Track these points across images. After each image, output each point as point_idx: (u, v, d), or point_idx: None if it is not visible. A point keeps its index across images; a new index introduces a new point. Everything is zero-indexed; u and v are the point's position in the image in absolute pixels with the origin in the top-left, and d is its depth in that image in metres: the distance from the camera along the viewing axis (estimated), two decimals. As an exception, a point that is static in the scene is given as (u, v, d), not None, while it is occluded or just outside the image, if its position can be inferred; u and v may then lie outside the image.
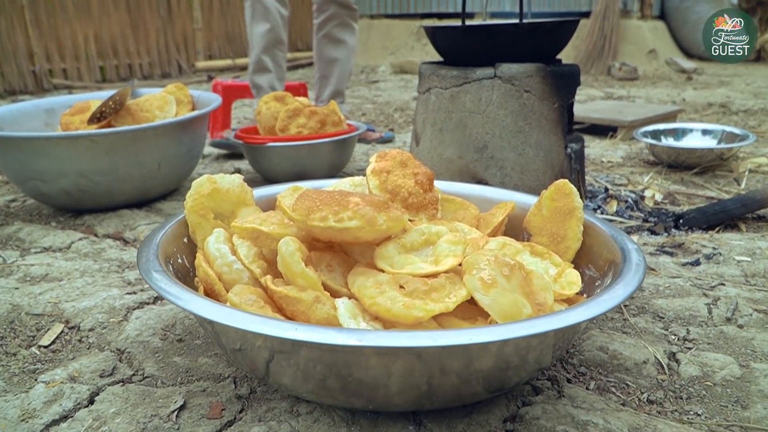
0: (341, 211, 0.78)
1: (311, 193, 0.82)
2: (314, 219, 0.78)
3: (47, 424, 0.78)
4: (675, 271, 1.27)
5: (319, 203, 0.80)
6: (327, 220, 0.77)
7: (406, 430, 0.76)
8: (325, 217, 0.77)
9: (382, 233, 0.81)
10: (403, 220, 0.83)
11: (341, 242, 0.85)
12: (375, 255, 0.82)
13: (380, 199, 0.83)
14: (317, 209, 0.79)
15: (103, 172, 1.51)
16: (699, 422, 0.79)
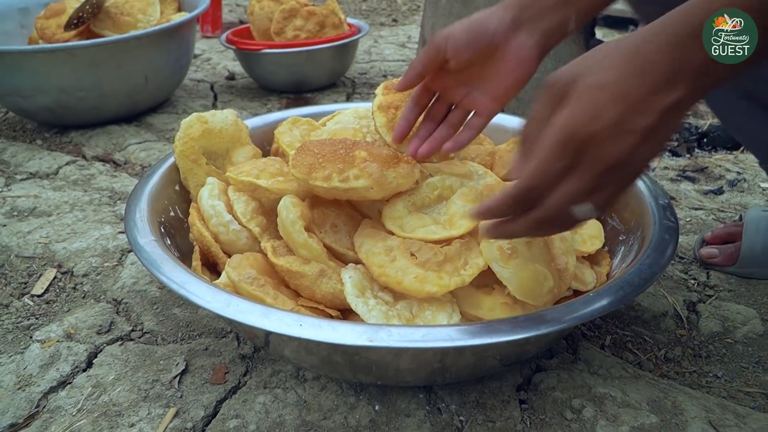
0: (346, 168, 0.71)
1: (312, 146, 0.74)
2: (317, 179, 0.70)
3: (45, 392, 0.75)
4: (697, 200, 1.21)
5: (322, 159, 0.72)
6: (331, 180, 0.70)
7: (417, 398, 0.73)
8: (328, 177, 0.70)
9: (392, 191, 0.74)
10: (415, 174, 0.76)
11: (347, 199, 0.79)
12: (383, 215, 0.76)
13: (389, 153, 0.75)
14: (320, 167, 0.71)
15: (85, 87, 1.40)
16: (718, 386, 0.76)
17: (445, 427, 0.70)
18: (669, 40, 0.46)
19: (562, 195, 0.49)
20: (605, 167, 0.48)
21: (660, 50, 0.47)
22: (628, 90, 0.47)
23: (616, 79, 0.47)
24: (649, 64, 0.46)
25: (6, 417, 0.72)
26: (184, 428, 0.70)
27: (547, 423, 0.70)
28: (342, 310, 0.70)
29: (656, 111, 0.46)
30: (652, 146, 0.48)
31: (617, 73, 0.47)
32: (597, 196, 0.50)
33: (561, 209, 0.50)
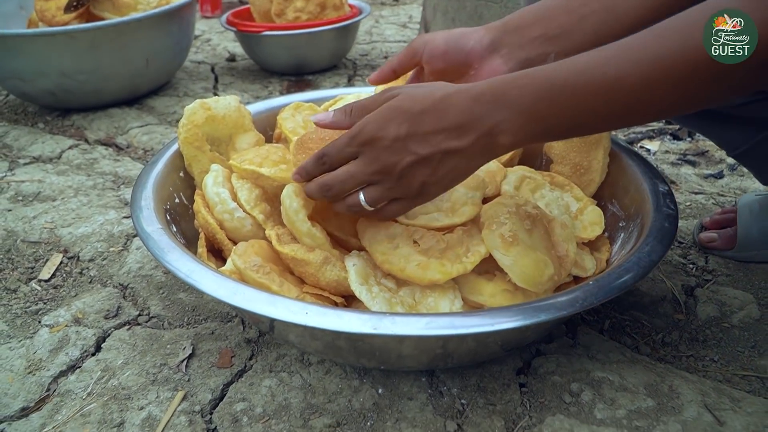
0: None
1: (311, 142, 0.75)
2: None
3: (55, 377, 0.77)
4: (697, 184, 1.22)
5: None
6: None
7: (419, 382, 0.75)
8: None
9: None
10: None
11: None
12: (386, 202, 0.77)
13: None
14: None
15: (86, 70, 1.40)
16: (714, 370, 0.78)
17: (447, 410, 0.71)
18: (474, 96, 0.54)
19: (342, 170, 0.61)
20: (378, 168, 0.58)
21: (464, 103, 0.55)
22: (423, 121, 0.55)
23: (421, 110, 0.56)
24: (451, 109, 0.55)
25: (17, 401, 0.73)
26: (192, 411, 0.71)
27: (547, 406, 0.71)
28: (346, 297, 0.72)
29: (435, 147, 0.55)
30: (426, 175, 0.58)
31: (425, 106, 0.56)
32: (370, 189, 0.60)
33: (341, 181, 0.60)
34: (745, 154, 0.85)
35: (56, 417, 0.71)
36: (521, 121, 0.54)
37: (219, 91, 1.71)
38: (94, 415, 0.71)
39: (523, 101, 0.53)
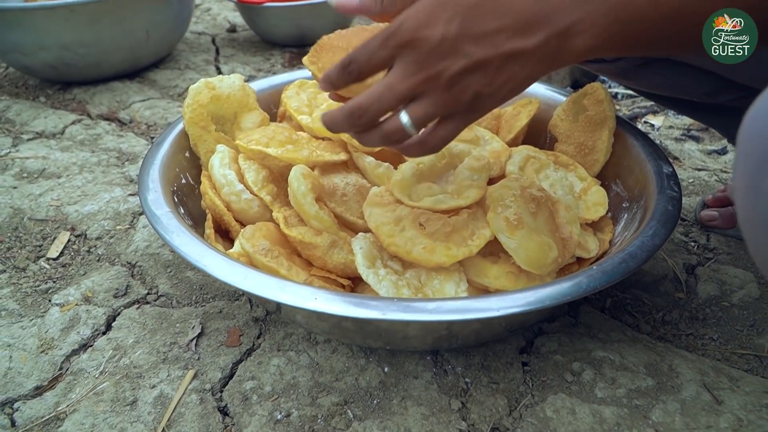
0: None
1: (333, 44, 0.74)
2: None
3: (67, 355, 0.78)
4: (700, 161, 1.22)
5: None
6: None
7: (424, 360, 0.76)
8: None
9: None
10: None
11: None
12: (391, 183, 0.77)
13: None
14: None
15: (87, 44, 1.39)
16: (713, 349, 0.79)
17: (451, 389, 0.73)
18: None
19: (378, 87, 0.49)
20: (423, 77, 0.47)
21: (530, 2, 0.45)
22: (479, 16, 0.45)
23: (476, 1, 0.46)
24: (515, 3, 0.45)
25: (31, 379, 0.75)
26: (203, 389, 0.73)
27: (548, 385, 0.73)
28: (353, 278, 0.73)
29: (495, 50, 0.45)
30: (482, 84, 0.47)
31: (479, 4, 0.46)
32: (413, 106, 0.49)
33: (375, 99, 0.49)
34: None
35: (70, 395, 0.73)
36: (604, 22, 0.45)
37: (220, 63, 1.69)
38: (107, 393, 0.73)
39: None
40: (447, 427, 0.68)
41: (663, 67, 0.80)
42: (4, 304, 0.86)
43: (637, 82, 0.87)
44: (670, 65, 0.80)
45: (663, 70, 0.81)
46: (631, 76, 0.84)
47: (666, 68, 0.80)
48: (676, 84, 0.81)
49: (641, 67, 0.81)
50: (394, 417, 0.69)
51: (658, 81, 0.83)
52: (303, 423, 0.69)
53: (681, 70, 0.79)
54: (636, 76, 0.84)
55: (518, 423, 0.69)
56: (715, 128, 0.95)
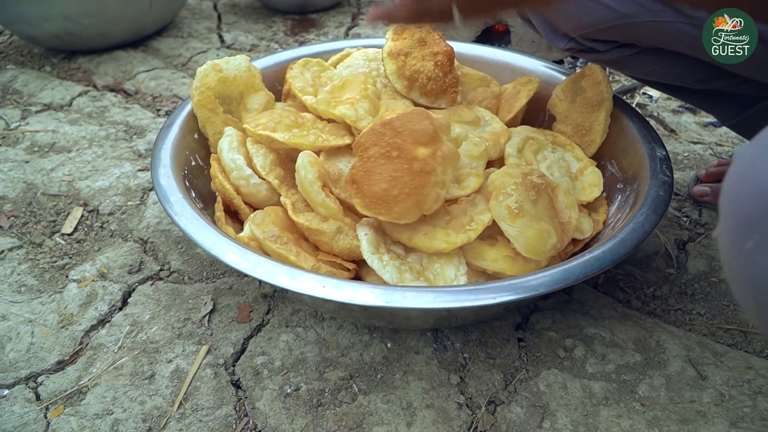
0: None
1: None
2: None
3: (86, 330, 0.83)
4: (696, 134, 1.24)
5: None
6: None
7: (425, 337, 0.81)
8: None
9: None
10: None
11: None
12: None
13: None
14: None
15: (91, 14, 1.40)
16: (700, 324, 0.84)
17: (450, 363, 0.77)
18: None
19: None
20: None
21: None
22: None
23: None
24: None
25: (53, 354, 0.79)
26: (216, 364, 0.78)
27: (542, 360, 0.78)
28: (357, 261, 0.76)
29: None
30: None
31: None
32: None
33: None
34: (737, 125, 0.89)
35: (91, 370, 0.77)
36: None
37: (223, 31, 1.69)
38: (127, 368, 0.77)
39: None
40: (446, 400, 0.73)
41: (656, 57, 0.82)
42: (24, 280, 0.90)
43: (631, 70, 0.89)
44: (663, 54, 0.81)
45: (656, 59, 0.82)
46: (624, 64, 0.86)
47: (659, 57, 0.82)
48: (669, 72, 0.83)
49: (634, 56, 0.83)
50: (397, 391, 0.74)
51: (650, 69, 0.85)
52: (311, 396, 0.73)
53: (674, 60, 0.81)
54: (629, 65, 0.85)
55: (513, 396, 0.73)
56: (709, 112, 0.97)
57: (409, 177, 0.70)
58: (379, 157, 0.72)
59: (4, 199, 1.06)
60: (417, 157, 0.71)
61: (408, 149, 0.72)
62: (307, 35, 1.67)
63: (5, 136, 1.22)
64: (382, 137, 0.72)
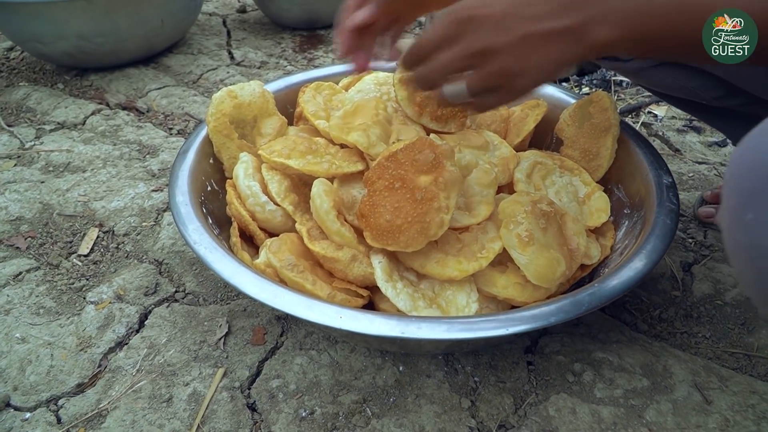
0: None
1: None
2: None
3: (105, 353, 0.85)
4: (700, 153, 1.26)
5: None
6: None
7: (436, 360, 0.82)
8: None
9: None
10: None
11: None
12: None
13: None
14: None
15: (104, 33, 1.42)
16: (705, 347, 0.85)
17: (461, 387, 0.79)
18: None
19: (440, 58, 0.58)
20: (478, 48, 0.55)
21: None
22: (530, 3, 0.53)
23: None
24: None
25: (72, 377, 0.81)
26: (232, 387, 0.79)
27: (551, 384, 0.79)
28: (371, 288, 0.78)
29: (543, 28, 0.53)
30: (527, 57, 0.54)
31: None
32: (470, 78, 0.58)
33: (439, 70, 0.58)
34: None
35: (110, 393, 0.79)
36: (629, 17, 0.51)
37: (232, 48, 1.72)
38: (145, 391, 0.79)
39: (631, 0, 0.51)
40: (458, 424, 0.74)
41: (675, 69, 0.84)
42: (42, 302, 0.92)
43: (649, 81, 0.91)
44: (682, 68, 0.83)
45: (675, 72, 0.84)
46: (643, 75, 0.87)
47: (678, 70, 0.84)
48: (687, 86, 0.84)
49: (654, 68, 0.85)
50: (409, 415, 0.76)
51: (669, 82, 0.87)
52: (326, 420, 0.75)
53: (692, 74, 0.83)
54: (648, 76, 0.87)
55: (523, 421, 0.75)
56: (721, 131, 0.99)
57: (411, 206, 0.73)
58: (384, 189, 0.75)
59: (21, 220, 1.08)
60: (418, 186, 0.73)
61: (410, 179, 0.74)
62: (315, 51, 1.69)
63: (20, 156, 1.25)
64: (387, 170, 0.75)
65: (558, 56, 0.55)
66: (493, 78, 0.57)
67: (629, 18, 0.52)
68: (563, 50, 0.54)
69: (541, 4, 0.53)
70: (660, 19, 0.51)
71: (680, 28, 0.51)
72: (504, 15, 0.53)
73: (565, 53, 0.54)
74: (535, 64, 0.55)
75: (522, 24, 0.53)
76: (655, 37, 0.53)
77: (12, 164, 1.22)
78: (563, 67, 0.56)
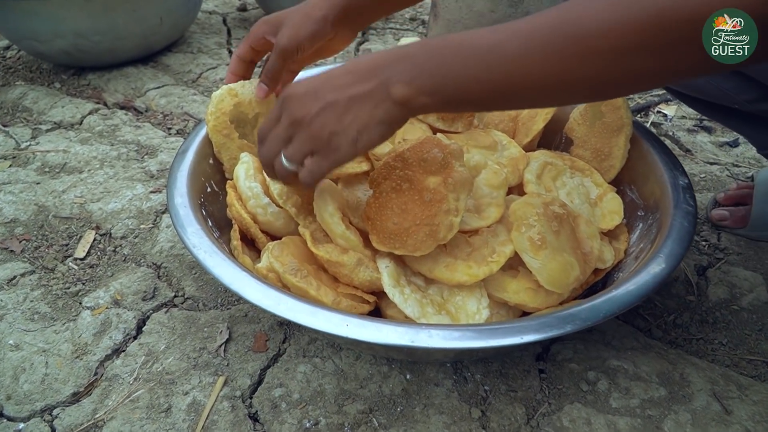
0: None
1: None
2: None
3: (101, 360, 0.82)
4: (712, 154, 1.23)
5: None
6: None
7: (444, 368, 0.80)
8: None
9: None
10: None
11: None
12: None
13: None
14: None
15: (101, 31, 1.39)
16: (722, 354, 0.82)
17: (471, 396, 0.76)
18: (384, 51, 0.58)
19: (270, 136, 0.63)
20: (292, 119, 0.60)
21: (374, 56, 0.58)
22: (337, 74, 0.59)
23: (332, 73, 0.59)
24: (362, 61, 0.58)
25: (68, 386, 0.78)
26: (233, 396, 0.76)
27: (564, 393, 0.76)
28: (377, 293, 0.75)
29: (341, 93, 0.58)
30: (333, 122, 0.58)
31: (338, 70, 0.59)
32: (289, 147, 0.61)
33: (268, 147, 0.63)
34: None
35: (106, 402, 0.76)
36: (413, 74, 0.56)
37: (232, 47, 1.69)
38: (143, 400, 0.76)
39: (417, 57, 0.56)
40: (468, 436, 0.72)
41: None
42: (37, 307, 0.89)
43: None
44: None
45: None
46: None
47: None
48: (719, 88, 0.81)
49: None
50: (417, 425, 0.73)
51: (701, 83, 0.83)
52: (331, 431, 0.72)
53: (726, 75, 0.80)
54: None
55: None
56: (746, 136, 0.96)
57: (420, 208, 0.70)
58: (391, 191, 0.72)
59: (16, 222, 1.05)
60: (427, 187, 0.71)
61: (417, 180, 0.71)
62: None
63: (16, 156, 1.22)
64: (393, 170, 0.72)
65: (370, 115, 0.58)
66: (307, 142, 0.60)
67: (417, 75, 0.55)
68: (373, 109, 0.58)
69: (346, 75, 0.58)
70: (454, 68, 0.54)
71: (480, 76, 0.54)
72: (315, 89, 0.59)
73: (376, 111, 0.58)
74: (349, 124, 0.58)
75: (329, 93, 0.58)
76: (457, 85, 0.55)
77: (7, 165, 1.19)
78: (388, 125, 0.59)
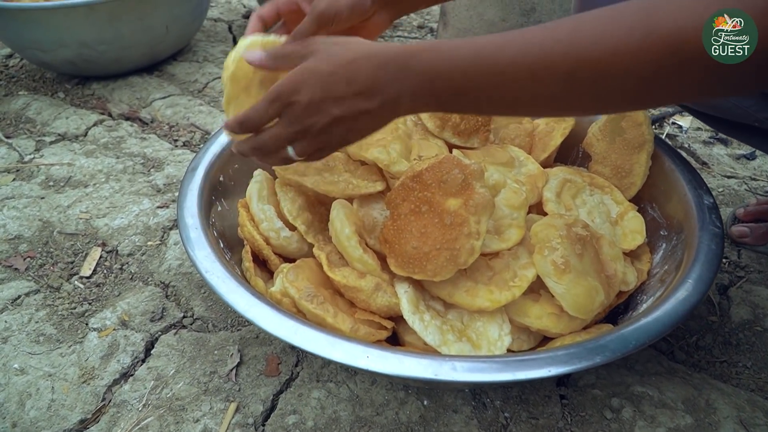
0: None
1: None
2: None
3: (109, 385, 0.79)
4: (729, 167, 1.21)
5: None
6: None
7: (463, 393, 0.77)
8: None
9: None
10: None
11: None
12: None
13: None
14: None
15: (106, 41, 1.37)
16: (747, 378, 0.80)
17: (491, 424, 0.74)
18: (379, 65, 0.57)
19: (270, 133, 0.63)
20: (300, 128, 0.60)
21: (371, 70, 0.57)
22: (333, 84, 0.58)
23: (330, 72, 0.58)
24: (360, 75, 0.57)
25: (75, 412, 0.76)
26: (245, 424, 0.74)
27: (588, 421, 0.74)
28: (395, 318, 0.73)
29: (349, 109, 0.58)
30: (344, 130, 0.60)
31: (335, 68, 0.58)
32: (297, 144, 0.62)
33: (270, 143, 0.63)
34: None
35: (115, 430, 0.74)
36: (419, 93, 0.57)
37: (239, 54, 1.66)
38: (152, 428, 0.74)
39: (421, 76, 0.56)
40: (489, 467, 0.69)
41: None
42: (42, 329, 0.87)
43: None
44: None
45: None
46: None
47: None
48: (738, 105, 0.79)
49: None
50: (437, 456, 0.70)
51: (720, 99, 0.82)
52: (347, 462, 0.70)
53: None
54: None
55: (559, 462, 0.70)
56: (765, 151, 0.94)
57: (440, 231, 0.68)
58: (409, 213, 0.70)
59: (20, 239, 1.02)
60: (447, 210, 0.68)
61: (437, 202, 0.69)
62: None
63: (19, 170, 1.19)
64: (412, 192, 0.70)
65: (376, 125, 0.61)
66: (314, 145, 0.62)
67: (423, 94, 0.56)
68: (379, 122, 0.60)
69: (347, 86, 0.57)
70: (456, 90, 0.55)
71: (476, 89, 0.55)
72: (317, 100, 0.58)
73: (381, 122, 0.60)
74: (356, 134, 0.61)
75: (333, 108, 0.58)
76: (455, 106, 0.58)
77: (10, 179, 1.17)
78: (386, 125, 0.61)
